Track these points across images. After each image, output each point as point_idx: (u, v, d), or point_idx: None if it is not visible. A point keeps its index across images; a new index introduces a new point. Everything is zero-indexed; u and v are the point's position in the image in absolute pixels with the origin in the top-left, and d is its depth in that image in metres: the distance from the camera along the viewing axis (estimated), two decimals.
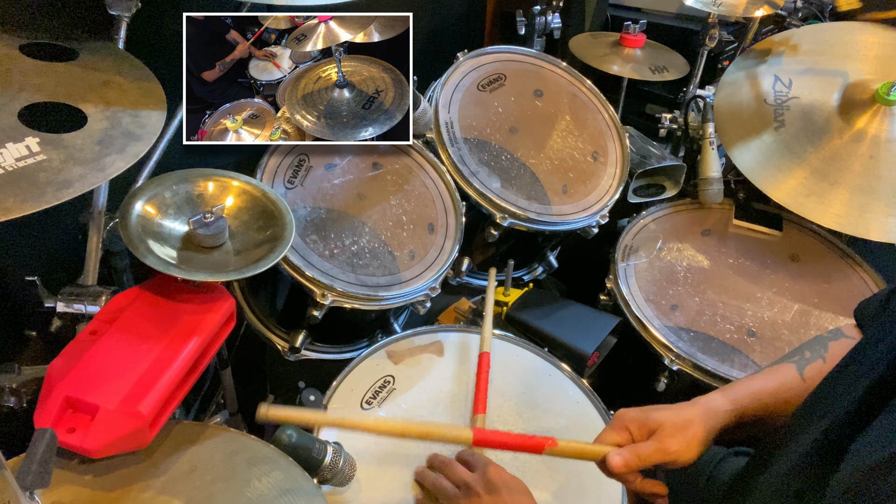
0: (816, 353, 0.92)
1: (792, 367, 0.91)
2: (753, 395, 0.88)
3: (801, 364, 0.91)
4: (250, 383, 1.39)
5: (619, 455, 0.82)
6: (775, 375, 0.91)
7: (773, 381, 0.89)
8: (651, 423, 0.84)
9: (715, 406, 0.85)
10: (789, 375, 0.90)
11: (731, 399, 0.86)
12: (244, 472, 0.82)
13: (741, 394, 0.88)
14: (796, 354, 0.94)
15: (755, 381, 0.90)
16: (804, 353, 0.93)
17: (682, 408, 0.86)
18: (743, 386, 0.89)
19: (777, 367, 0.92)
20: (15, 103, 0.82)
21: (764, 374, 0.92)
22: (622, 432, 0.86)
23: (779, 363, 0.94)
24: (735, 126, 1.58)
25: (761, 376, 0.91)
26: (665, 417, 0.83)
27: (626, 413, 0.87)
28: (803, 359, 0.92)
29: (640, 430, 0.85)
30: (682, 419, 0.83)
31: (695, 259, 1.59)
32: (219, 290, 0.96)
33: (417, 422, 0.91)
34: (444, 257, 1.31)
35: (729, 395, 0.87)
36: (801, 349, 0.95)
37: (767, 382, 0.89)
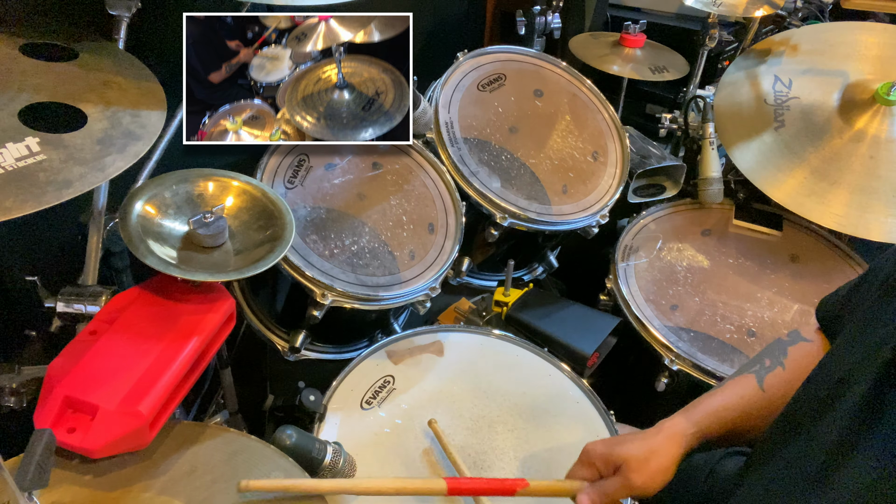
0: (776, 360, 0.93)
1: (752, 378, 0.92)
2: (714, 413, 0.90)
3: (761, 374, 0.92)
4: (250, 383, 1.39)
5: (587, 495, 0.86)
6: (735, 389, 0.92)
7: (734, 396, 0.91)
8: (615, 458, 0.86)
9: (677, 431, 0.88)
10: (749, 388, 0.91)
11: (693, 422, 0.88)
12: (244, 473, 0.82)
13: (702, 414, 0.90)
14: (756, 363, 0.95)
15: (716, 397, 0.92)
16: (764, 362, 0.94)
17: (647, 437, 0.88)
18: (704, 405, 0.91)
19: (737, 379, 0.94)
20: (15, 103, 0.82)
21: (724, 388, 0.93)
22: (590, 468, 0.89)
23: (740, 373, 0.95)
24: (735, 126, 1.58)
25: (722, 392, 0.93)
26: (629, 452, 0.86)
27: (592, 448, 0.90)
28: (763, 368, 0.93)
29: (606, 465, 0.87)
30: (646, 452, 0.86)
31: (695, 259, 1.59)
32: (219, 290, 0.96)
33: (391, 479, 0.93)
34: (444, 257, 1.31)
35: (691, 417, 0.89)
36: (761, 356, 0.96)
37: (727, 398, 0.91)
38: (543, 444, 1.10)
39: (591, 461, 0.89)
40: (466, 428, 1.10)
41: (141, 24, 1.07)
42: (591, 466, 0.89)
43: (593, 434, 1.14)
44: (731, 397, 0.91)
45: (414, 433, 1.07)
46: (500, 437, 1.09)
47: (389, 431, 1.07)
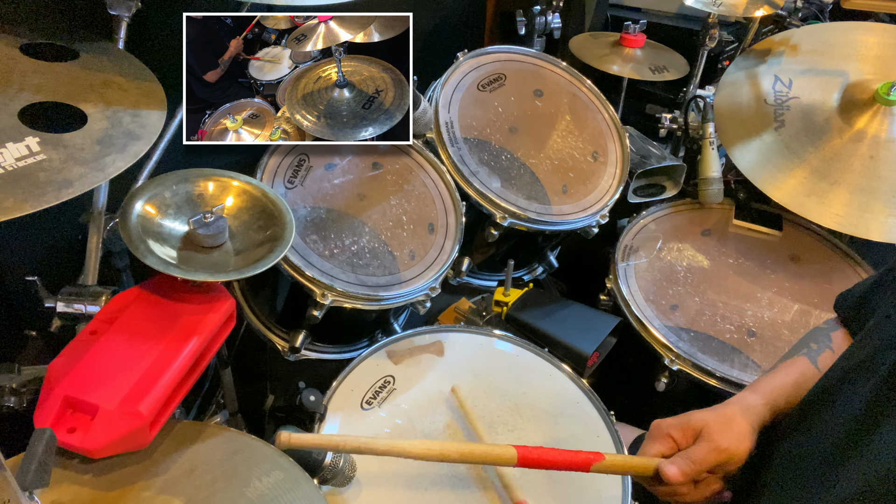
0: (823, 343, 0.92)
1: (805, 359, 0.90)
2: (781, 388, 0.87)
3: (813, 355, 0.90)
4: (250, 383, 1.39)
5: (674, 465, 0.78)
6: (793, 369, 0.90)
7: (794, 375, 0.89)
8: (694, 424, 0.81)
9: (751, 403, 0.84)
10: (806, 367, 0.89)
11: (762, 395, 0.85)
12: (244, 472, 0.82)
13: (770, 389, 0.86)
14: (803, 347, 0.93)
15: (778, 376, 0.89)
16: (810, 345, 0.93)
17: (720, 407, 0.84)
18: (769, 382, 0.88)
19: (791, 361, 0.91)
20: (15, 103, 0.82)
21: (782, 369, 0.91)
22: (665, 441, 0.82)
23: (788, 357, 0.93)
24: (735, 126, 1.58)
25: (781, 372, 0.90)
26: (708, 417, 0.81)
27: (663, 422, 0.84)
28: (812, 350, 0.91)
29: (684, 434, 0.82)
30: (725, 416, 0.81)
31: (695, 259, 1.59)
32: (219, 290, 0.96)
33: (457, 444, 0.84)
34: (444, 257, 1.31)
35: (759, 392, 0.86)
36: (805, 341, 0.94)
37: (790, 376, 0.88)
38: (543, 444, 1.10)
39: (666, 433, 0.83)
40: (466, 428, 1.10)
41: (141, 24, 1.07)
42: (665, 440, 0.83)
43: (593, 434, 1.14)
44: (793, 375, 0.88)
45: (414, 433, 1.07)
46: (500, 438, 1.09)
47: (390, 432, 1.07)
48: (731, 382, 1.31)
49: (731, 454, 0.78)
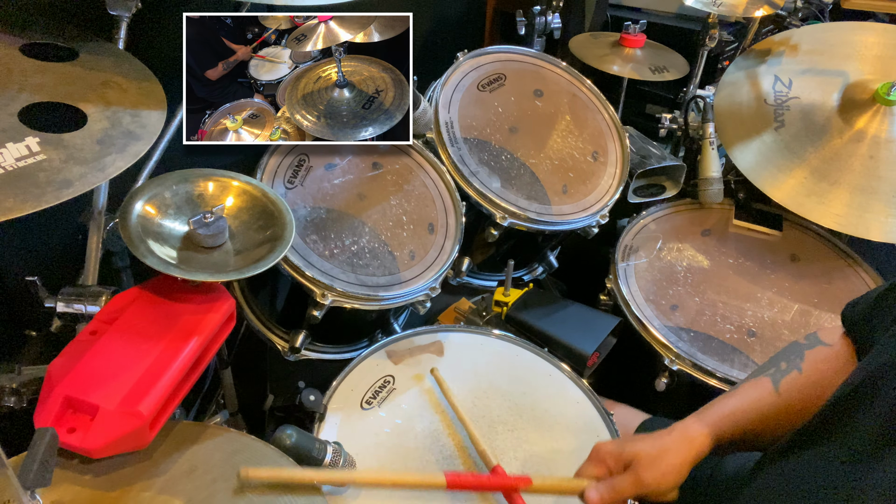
0: (793, 364, 0.92)
1: (767, 381, 0.91)
2: (729, 416, 0.88)
3: (777, 377, 0.91)
4: (250, 383, 1.39)
5: (595, 490, 0.83)
6: (750, 392, 0.91)
7: (749, 399, 0.90)
8: (626, 455, 0.85)
9: (691, 433, 0.86)
10: (765, 391, 0.90)
11: (707, 424, 0.87)
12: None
13: (717, 417, 0.88)
14: (772, 366, 0.93)
15: (730, 400, 0.91)
16: (780, 365, 0.93)
17: (659, 437, 0.87)
18: (718, 408, 0.90)
19: (753, 382, 0.92)
20: (15, 103, 0.82)
21: (739, 391, 0.92)
22: (600, 466, 0.87)
23: (755, 376, 0.94)
24: (735, 126, 1.58)
25: (737, 394, 0.91)
26: (640, 449, 0.85)
27: (602, 446, 0.88)
28: (779, 371, 0.91)
29: (617, 462, 0.86)
30: (658, 450, 0.84)
31: (695, 259, 1.59)
32: (219, 290, 0.96)
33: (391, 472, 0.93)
34: (444, 257, 1.31)
35: (705, 419, 0.88)
36: (777, 359, 0.94)
37: (742, 401, 0.90)
38: (543, 444, 1.10)
39: (602, 459, 0.87)
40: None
41: (141, 24, 1.07)
42: (601, 464, 0.87)
43: (593, 434, 1.14)
44: (745, 400, 0.90)
45: (414, 433, 1.07)
46: (500, 437, 1.09)
47: (389, 431, 1.07)
48: (731, 382, 1.31)
49: (653, 490, 0.83)
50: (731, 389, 0.94)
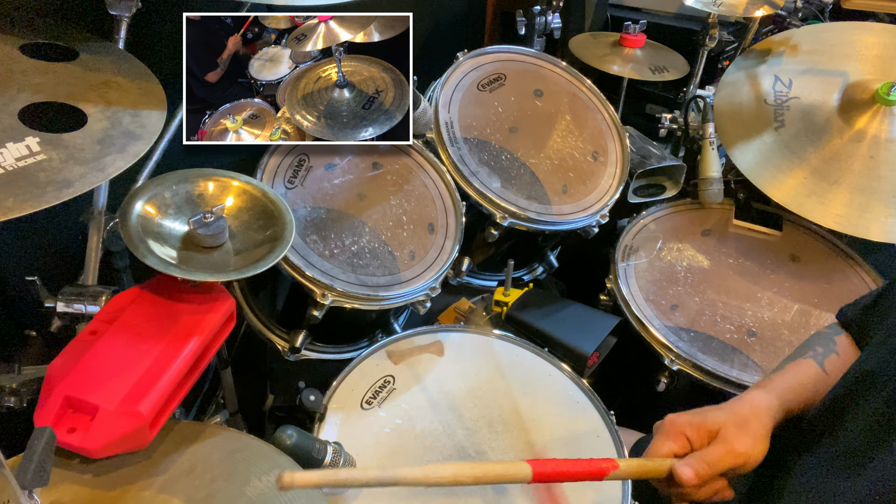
0: (828, 348, 0.91)
1: (811, 362, 0.89)
2: (793, 388, 0.85)
3: (819, 358, 0.89)
4: (250, 383, 1.39)
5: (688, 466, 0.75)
6: (802, 369, 0.88)
7: (803, 376, 0.87)
8: (710, 424, 0.78)
9: (763, 403, 0.82)
10: (814, 369, 0.88)
11: (776, 395, 0.83)
12: (244, 471, 0.82)
13: (782, 388, 0.84)
14: (808, 350, 0.92)
15: (787, 376, 0.87)
16: (816, 349, 0.91)
17: (735, 405, 0.81)
18: (781, 381, 0.86)
19: (797, 363, 0.90)
20: (15, 103, 0.82)
21: (790, 369, 0.89)
22: (678, 439, 0.79)
23: (793, 359, 0.91)
24: (735, 126, 1.58)
25: (791, 372, 0.88)
26: (725, 417, 0.78)
27: (678, 418, 0.81)
28: (818, 354, 0.90)
29: (699, 434, 0.78)
30: (742, 417, 0.79)
31: (695, 259, 1.59)
32: (219, 290, 0.96)
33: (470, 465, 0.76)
34: (445, 257, 1.31)
35: (771, 391, 0.84)
36: (809, 345, 0.93)
37: (798, 377, 0.87)
38: (544, 444, 1.10)
39: (681, 430, 0.79)
40: (466, 428, 1.10)
41: (141, 24, 1.07)
42: (679, 437, 0.79)
43: (593, 434, 1.14)
44: (801, 376, 0.87)
45: (414, 433, 1.07)
46: (500, 437, 1.09)
47: (390, 431, 1.07)
48: (730, 382, 1.31)
49: (747, 458, 0.76)
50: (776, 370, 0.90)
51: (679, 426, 0.79)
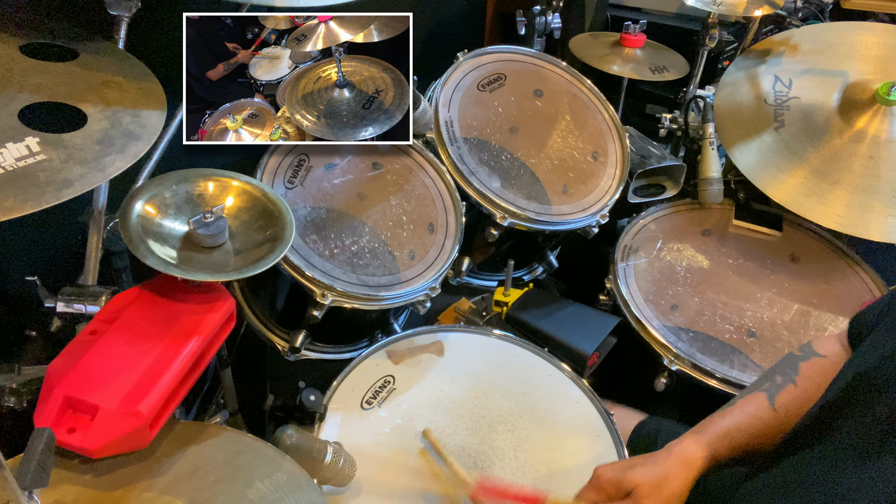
0: (787, 377, 0.92)
1: (763, 396, 0.91)
2: (726, 435, 0.89)
3: (772, 392, 0.91)
4: (250, 383, 1.39)
5: None
6: (746, 409, 0.91)
7: (745, 416, 0.90)
8: (627, 484, 0.85)
9: (690, 455, 0.87)
10: (761, 407, 0.90)
11: (704, 444, 0.87)
12: (247, 473, 0.82)
13: (713, 436, 0.88)
14: (767, 381, 0.94)
15: (726, 419, 0.91)
16: (775, 379, 0.93)
17: (658, 462, 0.87)
18: (714, 426, 0.90)
19: (748, 398, 0.92)
20: (15, 103, 0.82)
21: (734, 408, 0.92)
22: (600, 492, 0.87)
23: (750, 392, 0.94)
24: (735, 126, 1.58)
25: (732, 412, 0.92)
26: (640, 477, 0.85)
27: (603, 473, 0.88)
28: (774, 385, 0.92)
29: (617, 490, 0.86)
30: (658, 477, 0.85)
31: (695, 259, 1.59)
32: (219, 290, 0.96)
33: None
34: (445, 257, 1.31)
35: (702, 439, 0.88)
36: (772, 373, 0.95)
37: (738, 419, 0.90)
38: (543, 444, 1.10)
39: (601, 486, 0.87)
40: (466, 428, 1.10)
41: (141, 24, 1.07)
42: (600, 491, 0.87)
43: (593, 434, 1.14)
44: (741, 417, 0.90)
45: (414, 433, 1.07)
46: (500, 437, 1.10)
47: (390, 431, 1.07)
48: (730, 383, 1.31)
49: None
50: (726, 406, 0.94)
51: (602, 481, 0.87)
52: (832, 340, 0.95)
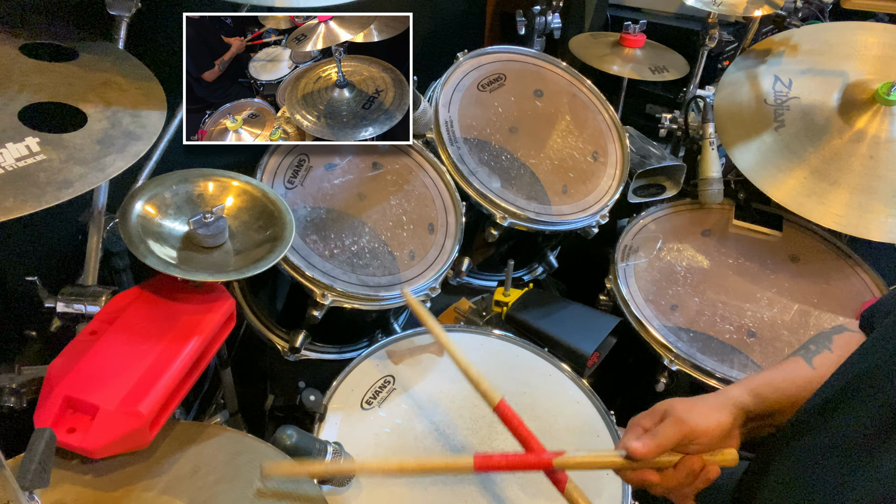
0: (822, 345, 0.92)
1: (799, 359, 0.91)
2: (769, 384, 0.87)
3: (809, 356, 0.91)
4: (250, 383, 1.39)
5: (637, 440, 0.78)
6: (786, 367, 0.90)
7: (784, 371, 0.89)
8: (659, 407, 0.83)
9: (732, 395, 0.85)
10: (800, 366, 0.90)
11: (746, 388, 0.86)
12: (247, 474, 0.82)
13: (755, 383, 0.87)
14: (801, 349, 0.94)
15: (769, 373, 0.90)
16: (809, 347, 0.93)
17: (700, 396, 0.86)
18: (755, 377, 0.89)
19: (784, 362, 0.92)
20: (15, 103, 0.82)
21: (774, 368, 0.91)
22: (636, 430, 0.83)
23: (785, 359, 0.93)
24: (735, 126, 1.58)
25: (773, 369, 0.91)
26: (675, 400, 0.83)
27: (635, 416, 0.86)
28: (809, 352, 0.92)
29: (652, 419, 0.83)
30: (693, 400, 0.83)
31: (695, 259, 1.59)
32: (219, 290, 0.96)
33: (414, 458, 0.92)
34: (445, 257, 1.31)
35: (744, 385, 0.87)
36: (805, 345, 0.95)
37: (779, 373, 0.89)
38: (544, 444, 1.10)
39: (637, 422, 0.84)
40: (466, 428, 1.10)
41: (141, 24, 1.07)
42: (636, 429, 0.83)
43: (593, 434, 1.14)
44: (782, 372, 0.89)
45: (414, 433, 1.07)
46: (500, 437, 1.09)
47: (390, 431, 1.07)
48: (730, 383, 1.31)
49: (693, 428, 0.79)
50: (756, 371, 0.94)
51: (636, 420, 0.85)
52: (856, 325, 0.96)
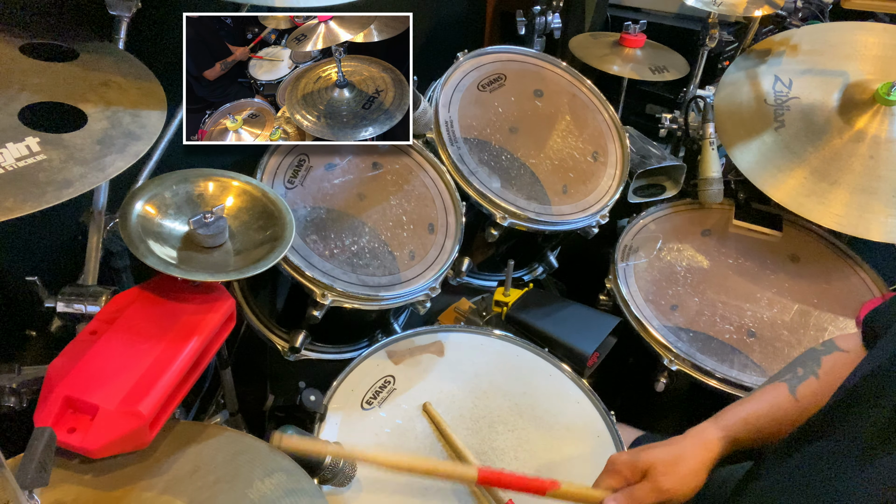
0: (809, 369, 0.91)
1: (784, 386, 0.90)
2: (745, 420, 0.88)
3: (794, 383, 0.90)
4: (250, 383, 1.39)
5: (614, 500, 0.83)
6: (767, 397, 0.90)
7: (765, 404, 0.89)
8: (642, 463, 0.85)
9: (707, 437, 0.86)
10: (782, 396, 0.89)
11: (722, 427, 0.87)
12: (247, 473, 0.82)
13: (732, 421, 0.88)
14: (788, 372, 0.93)
15: (746, 405, 0.90)
16: (796, 371, 0.92)
17: (674, 443, 0.87)
18: (734, 412, 0.89)
19: (768, 388, 0.92)
20: (15, 103, 0.82)
21: (755, 396, 0.92)
22: (616, 476, 0.86)
23: (771, 382, 0.93)
24: (735, 126, 1.58)
25: (753, 399, 0.91)
26: (655, 456, 0.84)
27: (617, 458, 0.88)
28: (795, 377, 0.91)
29: (633, 472, 0.85)
30: (673, 456, 0.84)
31: (695, 259, 1.59)
32: (219, 290, 0.96)
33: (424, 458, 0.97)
34: (445, 257, 1.31)
35: (720, 423, 0.88)
36: (793, 365, 0.94)
37: (759, 405, 0.89)
38: (544, 444, 1.10)
39: (617, 469, 0.86)
40: (467, 428, 1.10)
41: (141, 24, 1.07)
42: (617, 475, 0.86)
43: (593, 434, 1.14)
44: (762, 405, 0.89)
45: (414, 433, 1.07)
46: (500, 437, 1.10)
47: (390, 431, 1.07)
48: (730, 383, 1.31)
49: (672, 494, 0.82)
50: (746, 395, 0.93)
51: (617, 465, 0.87)
52: (854, 337, 0.94)
